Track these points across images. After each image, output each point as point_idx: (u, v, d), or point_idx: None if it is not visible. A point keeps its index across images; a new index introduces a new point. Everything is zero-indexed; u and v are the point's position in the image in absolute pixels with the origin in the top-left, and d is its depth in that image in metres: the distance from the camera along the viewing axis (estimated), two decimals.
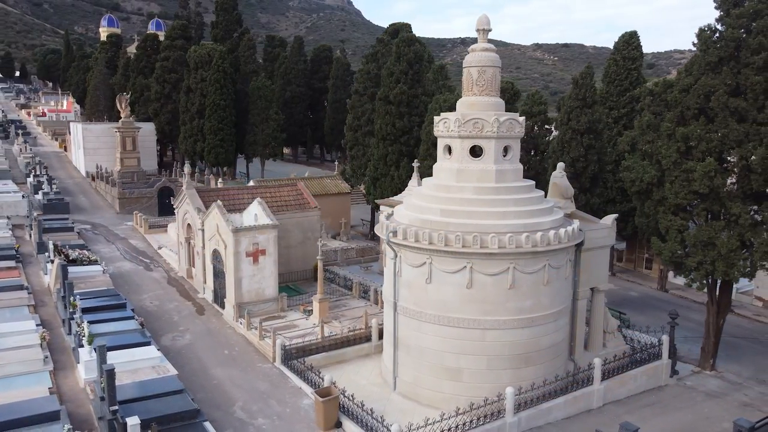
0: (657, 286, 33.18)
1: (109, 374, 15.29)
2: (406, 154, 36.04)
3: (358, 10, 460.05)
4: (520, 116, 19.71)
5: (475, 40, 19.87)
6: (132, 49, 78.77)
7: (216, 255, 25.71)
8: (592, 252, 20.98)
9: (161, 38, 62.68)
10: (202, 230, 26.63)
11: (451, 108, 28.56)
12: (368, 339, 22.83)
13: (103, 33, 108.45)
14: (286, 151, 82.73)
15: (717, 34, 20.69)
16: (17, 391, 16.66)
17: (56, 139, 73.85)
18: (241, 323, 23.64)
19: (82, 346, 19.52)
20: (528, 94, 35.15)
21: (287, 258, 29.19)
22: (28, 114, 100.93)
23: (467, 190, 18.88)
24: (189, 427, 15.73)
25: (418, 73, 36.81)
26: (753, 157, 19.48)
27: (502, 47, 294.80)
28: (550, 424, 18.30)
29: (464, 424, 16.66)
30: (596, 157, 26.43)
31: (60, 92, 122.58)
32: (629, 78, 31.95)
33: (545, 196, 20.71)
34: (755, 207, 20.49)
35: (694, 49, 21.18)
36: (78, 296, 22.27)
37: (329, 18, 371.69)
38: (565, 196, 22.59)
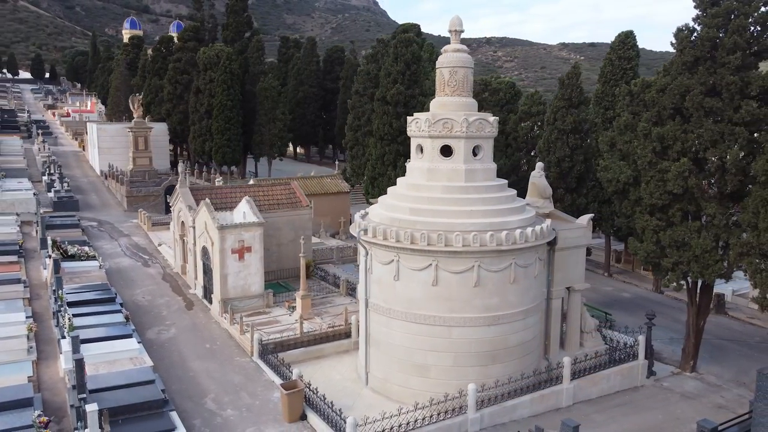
0: (652, 288, 32.92)
1: (78, 364, 15.94)
2: (403, 154, 36.34)
3: (383, 11, 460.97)
4: (492, 116, 19.97)
5: (501, 40, 20.16)
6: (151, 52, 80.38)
7: (205, 252, 26.38)
8: (567, 251, 21.06)
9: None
10: (193, 227, 27.33)
11: None
12: (347, 335, 23.21)
13: (126, 35, 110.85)
14: (300, 150, 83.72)
15: (695, 34, 20.65)
16: None
17: (76, 139, 75.83)
18: (225, 318, 24.24)
19: (64, 337, 20.26)
20: (527, 94, 35.19)
21: (279, 255, 29.75)
22: (53, 114, 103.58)
23: (436, 189, 19.15)
24: (155, 416, 16.29)
25: (416, 74, 37.09)
26: (727, 157, 19.37)
27: (527, 47, 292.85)
28: (515, 421, 18.45)
29: (423, 418, 16.94)
30: (582, 157, 26.42)
31: (85, 93, 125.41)
32: (625, 77, 31.74)
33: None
34: (732, 208, 20.38)
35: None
36: (65, 290, 23.10)
37: (354, 18, 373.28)
38: (543, 195, 22.69)
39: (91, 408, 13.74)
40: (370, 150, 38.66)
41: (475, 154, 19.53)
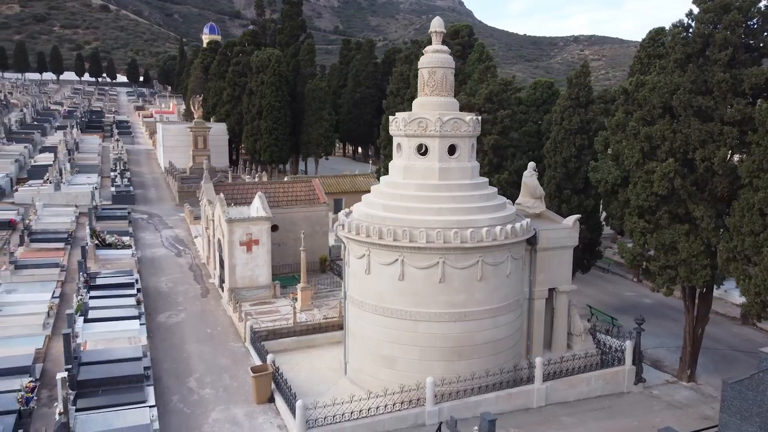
0: (680, 295, 31.47)
1: (66, 338, 17.80)
2: None
3: (469, 11, 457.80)
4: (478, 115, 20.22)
5: (590, 38, 20.44)
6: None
7: (219, 243, 28.07)
8: (551, 252, 20.92)
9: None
10: (212, 221, 29.11)
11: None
12: (340, 327, 23.97)
13: (205, 40, 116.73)
14: (359, 150, 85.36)
15: (690, 30, 19.95)
16: (7, 349, 19.64)
17: (151, 138, 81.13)
18: (231, 306, 25.75)
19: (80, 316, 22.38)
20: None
21: (295, 249, 30.93)
22: (139, 115, 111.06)
23: (410, 187, 19.62)
24: (132, 390, 17.81)
25: None
26: (714, 158, 18.63)
27: (617, 45, 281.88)
28: (478, 417, 18.58)
29: (377, 408, 17.52)
30: (590, 158, 25.87)
31: (168, 95, 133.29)
32: None
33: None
34: (721, 211, 19.52)
35: None
36: (87, 274, 25.41)
37: None
38: (534, 195, 22.60)
39: (60, 375, 15.36)
40: None
41: (451, 153, 19.82)
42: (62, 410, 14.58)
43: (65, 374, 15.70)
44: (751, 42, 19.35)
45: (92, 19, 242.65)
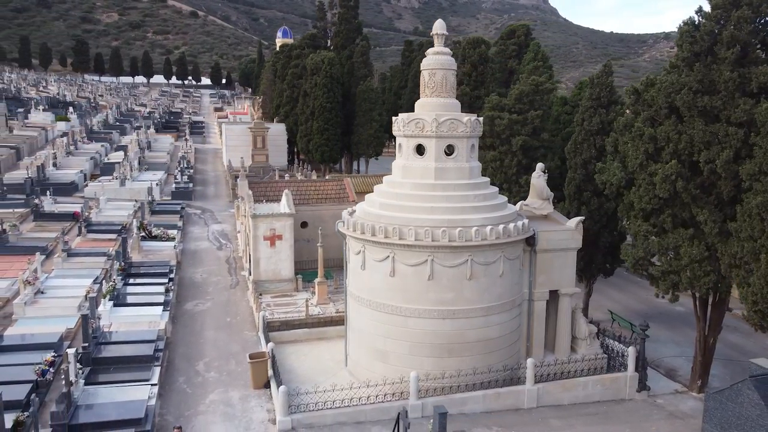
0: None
1: (84, 319, 19.59)
2: None
3: (553, 8, 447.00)
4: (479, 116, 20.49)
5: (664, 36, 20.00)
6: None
7: (248, 237, 29.56)
8: (552, 254, 20.83)
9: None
10: (245, 216, 30.66)
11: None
12: None
13: (278, 43, 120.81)
14: None
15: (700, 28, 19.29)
16: (42, 326, 21.78)
17: (221, 138, 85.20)
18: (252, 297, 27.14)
19: (111, 300, 24.39)
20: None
21: (325, 246, 32.01)
22: (216, 116, 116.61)
23: (407, 186, 20.14)
24: (140, 368, 19.29)
25: (482, 75, 37.35)
26: (717, 160, 17.97)
27: None
28: (465, 414, 18.85)
29: (360, 398, 18.16)
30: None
31: (244, 96, 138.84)
32: None
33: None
34: (727, 214, 18.73)
35: None
36: (125, 262, 27.55)
37: (520, 18, 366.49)
38: (541, 196, 22.51)
39: (71, 351, 17.04)
40: None
41: (449, 153, 20.15)
42: (67, 382, 16.16)
43: (74, 350, 17.39)
44: (766, 39, 18.51)
45: (182, 25, 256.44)
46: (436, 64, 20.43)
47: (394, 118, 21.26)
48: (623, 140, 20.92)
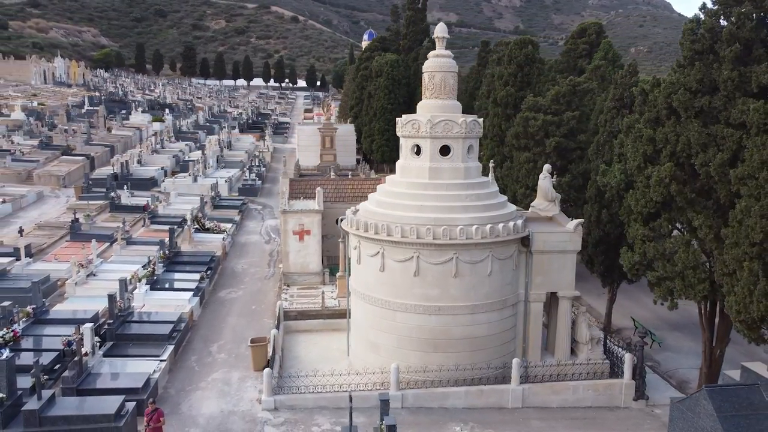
0: None
1: (110, 298, 21.93)
2: (509, 156, 36.65)
3: (667, 3, 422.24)
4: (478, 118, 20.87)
5: None
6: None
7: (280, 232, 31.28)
8: (548, 255, 20.72)
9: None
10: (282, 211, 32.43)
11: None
12: None
13: (364, 45, 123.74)
14: None
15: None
16: (85, 304, 24.50)
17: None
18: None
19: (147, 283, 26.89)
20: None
21: None
22: (303, 117, 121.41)
23: (403, 185, 20.85)
24: (156, 345, 21.36)
25: (528, 76, 36.95)
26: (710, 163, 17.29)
27: None
28: (445, 408, 19.26)
29: (341, 385, 19.08)
30: None
31: (335, 98, 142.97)
32: None
33: None
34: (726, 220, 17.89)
35: None
36: (170, 250, 30.11)
37: (628, 14, 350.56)
38: (547, 198, 22.41)
39: (86, 330, 19.29)
40: (483, 151, 39.58)
41: (444, 154, 20.62)
42: (79, 352, 18.35)
43: (91, 325, 19.64)
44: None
45: (283, 29, 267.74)
46: (436, 66, 20.95)
47: (398, 119, 21.99)
48: (627, 142, 20.44)
